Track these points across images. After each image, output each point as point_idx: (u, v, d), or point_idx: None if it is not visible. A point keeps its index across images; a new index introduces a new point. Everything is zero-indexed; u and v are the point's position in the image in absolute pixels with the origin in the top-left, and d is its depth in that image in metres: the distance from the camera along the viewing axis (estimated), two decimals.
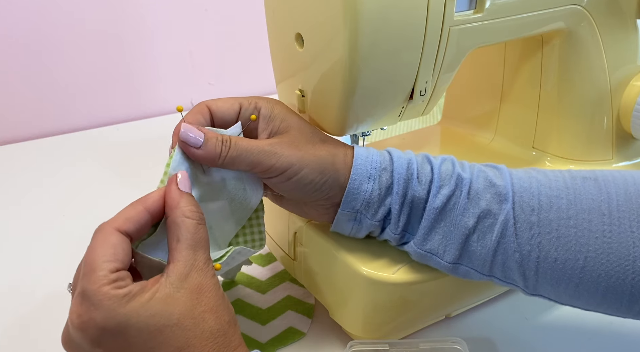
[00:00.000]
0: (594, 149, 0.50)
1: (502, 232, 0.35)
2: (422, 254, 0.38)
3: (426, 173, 0.37)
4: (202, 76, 0.93)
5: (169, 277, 0.30)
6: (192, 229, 0.31)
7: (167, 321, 0.28)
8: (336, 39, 0.35)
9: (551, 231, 0.34)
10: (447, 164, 0.38)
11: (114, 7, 0.82)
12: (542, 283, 0.36)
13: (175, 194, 0.32)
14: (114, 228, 0.31)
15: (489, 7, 0.39)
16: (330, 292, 0.43)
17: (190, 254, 0.30)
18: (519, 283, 0.37)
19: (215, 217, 0.38)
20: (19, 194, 0.67)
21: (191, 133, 0.34)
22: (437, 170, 0.37)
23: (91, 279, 0.29)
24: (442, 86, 0.41)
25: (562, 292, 0.36)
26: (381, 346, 0.40)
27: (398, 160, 0.38)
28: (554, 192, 0.35)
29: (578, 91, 0.48)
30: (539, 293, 0.37)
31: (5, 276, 0.52)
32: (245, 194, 0.39)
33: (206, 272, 0.31)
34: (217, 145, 0.34)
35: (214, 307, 0.30)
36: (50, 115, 0.84)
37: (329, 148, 0.38)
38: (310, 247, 0.44)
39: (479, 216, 0.36)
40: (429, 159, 0.38)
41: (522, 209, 0.35)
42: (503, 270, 0.36)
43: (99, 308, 0.28)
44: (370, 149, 0.39)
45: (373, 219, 0.38)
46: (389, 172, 0.37)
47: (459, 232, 0.36)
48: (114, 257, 0.30)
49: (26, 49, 0.79)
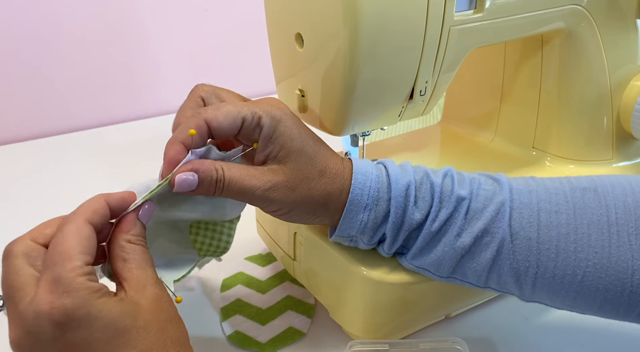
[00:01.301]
0: (594, 149, 0.50)
1: (499, 250, 0.35)
2: (415, 268, 0.38)
3: (425, 197, 0.36)
4: (202, 76, 0.93)
5: (126, 292, 0.30)
6: (139, 251, 0.32)
7: (135, 322, 0.29)
8: (336, 39, 0.35)
9: (550, 247, 0.34)
10: (447, 181, 0.37)
11: (114, 7, 0.82)
12: (539, 294, 0.36)
13: (130, 220, 0.33)
14: (85, 220, 0.31)
15: (489, 7, 0.39)
16: (330, 292, 0.43)
17: (142, 271, 0.31)
18: (514, 292, 0.37)
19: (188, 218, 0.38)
20: (19, 194, 0.67)
21: (184, 174, 0.33)
22: (438, 191, 0.36)
23: (67, 267, 0.28)
24: (442, 86, 0.41)
25: (558, 302, 0.36)
26: (381, 346, 0.40)
27: (396, 186, 0.36)
28: (553, 207, 0.35)
29: (578, 91, 0.48)
30: (535, 301, 0.37)
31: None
32: (224, 212, 0.38)
33: (160, 286, 0.31)
34: (211, 185, 0.34)
35: (174, 318, 0.31)
36: (50, 115, 0.84)
37: (325, 186, 0.36)
38: (310, 247, 0.44)
39: (476, 237, 0.35)
40: (429, 178, 0.37)
41: (522, 225, 0.35)
42: (499, 283, 0.36)
43: (72, 295, 0.28)
44: (367, 172, 0.36)
45: (369, 243, 0.38)
46: (385, 201, 0.36)
47: (454, 253, 0.36)
48: (88, 250, 0.30)
49: (26, 49, 0.79)
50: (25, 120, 0.83)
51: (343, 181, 0.36)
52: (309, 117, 0.41)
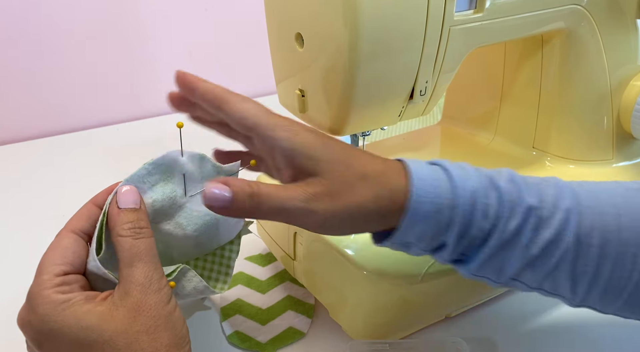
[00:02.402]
0: (594, 149, 0.50)
1: (562, 257, 0.33)
2: (475, 278, 0.35)
3: (492, 204, 0.32)
4: (202, 76, 0.93)
5: (114, 295, 0.30)
6: (127, 245, 0.30)
7: (99, 337, 0.28)
8: (336, 39, 0.35)
9: (611, 251, 0.32)
10: (513, 187, 0.33)
11: (114, 7, 0.82)
12: (592, 298, 0.34)
13: (113, 214, 0.31)
14: (68, 230, 0.31)
15: (489, 7, 0.38)
16: (330, 292, 0.43)
17: (127, 271, 0.30)
18: (565, 296, 0.35)
19: (177, 239, 0.37)
20: (19, 194, 0.67)
21: (216, 189, 0.29)
22: (506, 200, 0.33)
23: (36, 281, 0.29)
24: (442, 86, 0.41)
25: (609, 306, 0.34)
26: (381, 346, 0.40)
27: (462, 193, 0.32)
28: (614, 210, 0.33)
29: (578, 91, 0.48)
30: (584, 305, 0.35)
31: (4, 275, 0.52)
32: (217, 233, 0.38)
33: (146, 288, 0.29)
34: (246, 201, 0.30)
35: (151, 329, 0.28)
36: (50, 115, 0.84)
37: (371, 188, 0.31)
38: (310, 247, 0.44)
39: (543, 247, 0.33)
40: (494, 183, 0.33)
41: (586, 231, 0.33)
42: (552, 286, 0.35)
43: (35, 312, 0.29)
44: (426, 176, 0.32)
45: (425, 249, 0.34)
46: (449, 208, 0.32)
47: (519, 262, 0.33)
48: (62, 260, 0.30)
49: (26, 49, 0.79)
50: (25, 120, 0.83)
51: (390, 180, 0.32)
52: (309, 117, 0.41)
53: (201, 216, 0.36)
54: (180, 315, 0.31)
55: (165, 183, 0.34)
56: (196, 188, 0.36)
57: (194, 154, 0.35)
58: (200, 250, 0.39)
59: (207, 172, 0.36)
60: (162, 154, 0.34)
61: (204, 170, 0.36)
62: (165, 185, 0.34)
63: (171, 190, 0.35)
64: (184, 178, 0.35)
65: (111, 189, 0.33)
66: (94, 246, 0.31)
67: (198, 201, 0.36)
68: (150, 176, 0.34)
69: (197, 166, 0.35)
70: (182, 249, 0.37)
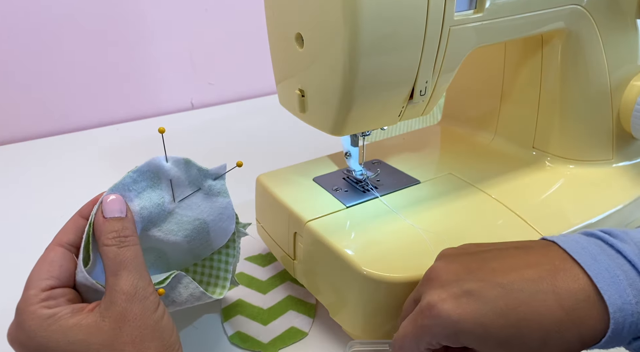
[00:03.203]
0: (594, 149, 0.50)
1: None
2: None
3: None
4: (202, 76, 0.93)
5: (100, 305, 0.29)
6: (111, 254, 0.30)
7: (86, 351, 0.28)
8: (336, 39, 0.35)
9: None
10: None
11: (114, 7, 0.82)
12: None
13: (99, 223, 0.32)
14: (55, 244, 0.31)
15: (489, 7, 0.39)
16: (330, 292, 0.43)
17: (112, 280, 0.30)
18: None
19: (170, 246, 0.37)
20: (19, 194, 0.67)
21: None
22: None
23: (23, 297, 0.29)
24: (442, 86, 0.41)
25: None
26: (381, 346, 0.40)
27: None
28: None
29: (578, 91, 0.48)
30: None
31: (4, 275, 0.52)
32: (209, 237, 0.38)
33: (132, 297, 0.29)
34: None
35: (137, 339, 0.28)
36: (50, 115, 0.85)
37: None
38: (310, 247, 0.44)
39: None
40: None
41: None
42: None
43: (22, 328, 0.29)
44: (602, 268, 0.27)
45: (629, 346, 0.28)
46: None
47: None
48: (48, 274, 0.30)
49: (26, 49, 0.79)
50: (25, 120, 0.83)
51: (579, 330, 0.27)
52: (309, 117, 0.41)
53: (191, 221, 0.36)
54: (170, 322, 0.31)
55: (153, 190, 0.34)
56: (184, 193, 0.36)
57: (179, 159, 0.35)
58: (195, 256, 0.39)
59: (193, 177, 0.36)
60: (146, 161, 0.34)
61: (190, 175, 0.36)
62: (153, 192, 0.34)
63: (159, 196, 0.35)
64: (171, 184, 0.35)
65: (96, 200, 0.33)
66: (82, 257, 0.31)
67: (187, 206, 0.36)
68: (135, 184, 0.34)
69: (183, 171, 0.35)
70: (176, 255, 0.37)
